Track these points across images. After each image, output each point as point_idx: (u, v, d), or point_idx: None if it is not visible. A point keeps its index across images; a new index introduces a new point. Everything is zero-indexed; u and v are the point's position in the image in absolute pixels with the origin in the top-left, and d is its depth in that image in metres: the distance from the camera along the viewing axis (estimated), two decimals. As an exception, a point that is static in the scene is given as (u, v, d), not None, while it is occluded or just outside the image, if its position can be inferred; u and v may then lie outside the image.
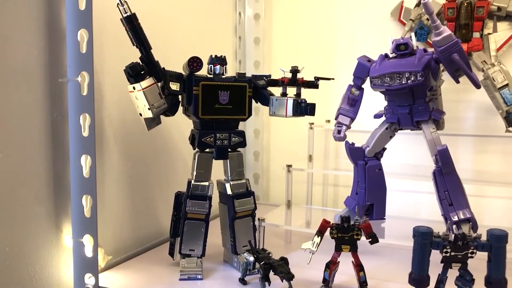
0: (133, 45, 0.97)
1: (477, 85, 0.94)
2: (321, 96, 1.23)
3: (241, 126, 1.72)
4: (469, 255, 0.85)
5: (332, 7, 1.64)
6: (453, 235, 0.85)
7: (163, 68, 1.01)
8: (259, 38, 1.72)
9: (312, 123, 1.52)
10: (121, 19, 0.96)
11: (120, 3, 0.95)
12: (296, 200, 1.50)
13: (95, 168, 0.95)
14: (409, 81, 0.96)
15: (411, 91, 0.99)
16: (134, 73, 0.97)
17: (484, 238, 0.85)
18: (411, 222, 1.03)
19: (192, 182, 1.05)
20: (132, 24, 0.96)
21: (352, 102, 1.10)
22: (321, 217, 0.98)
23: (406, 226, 0.93)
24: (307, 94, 1.10)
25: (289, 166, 1.35)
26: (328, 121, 1.54)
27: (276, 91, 1.11)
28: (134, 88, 0.97)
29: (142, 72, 0.97)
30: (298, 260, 0.99)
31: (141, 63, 0.98)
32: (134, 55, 0.99)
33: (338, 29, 1.64)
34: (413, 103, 1.01)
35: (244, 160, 1.75)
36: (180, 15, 1.40)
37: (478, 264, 0.85)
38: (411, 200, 1.54)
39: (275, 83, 1.09)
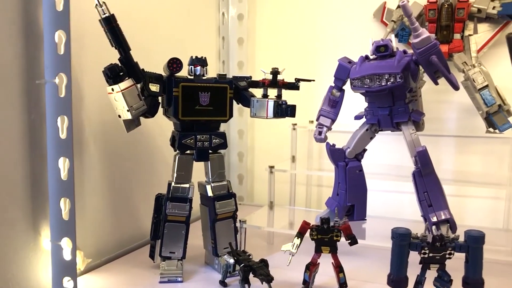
0: (112, 46, 0.97)
1: (455, 87, 0.94)
2: (305, 97, 1.24)
3: (225, 126, 1.74)
4: (447, 256, 0.85)
5: (316, 8, 1.65)
6: (431, 236, 0.85)
7: (143, 69, 1.00)
8: (243, 38, 1.72)
9: (295, 124, 1.52)
10: (99, 20, 0.95)
11: (98, 4, 0.94)
12: (280, 200, 1.50)
13: (73, 170, 0.93)
14: (388, 83, 0.97)
15: (391, 92, 1.00)
16: (112, 75, 0.96)
17: (462, 239, 0.86)
18: (393, 222, 1.04)
19: (173, 184, 1.04)
20: (110, 25, 0.95)
21: (333, 104, 1.10)
22: (304, 218, 0.98)
23: (388, 226, 0.93)
24: (291, 94, 1.10)
25: (271, 167, 1.35)
26: (312, 121, 1.54)
27: (258, 92, 1.11)
28: (112, 89, 0.96)
29: (121, 74, 0.97)
30: (280, 261, 0.99)
31: (120, 65, 0.97)
32: (114, 56, 0.98)
33: (321, 30, 1.64)
34: (393, 104, 1.01)
35: (228, 161, 1.77)
36: (162, 15, 1.39)
37: (458, 263, 0.86)
38: (394, 200, 1.55)
39: (256, 84, 1.09)
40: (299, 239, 0.96)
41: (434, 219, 0.97)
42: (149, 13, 1.32)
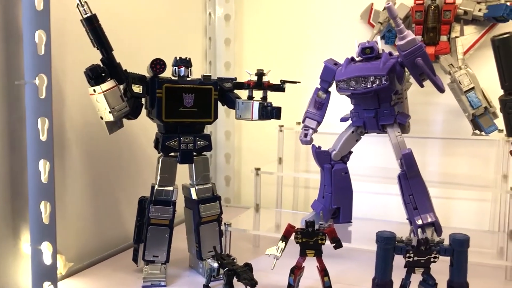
0: (94, 46, 0.95)
1: (440, 90, 0.94)
2: (292, 98, 1.23)
3: (212, 127, 1.73)
4: (432, 259, 0.85)
5: (303, 9, 1.64)
6: (416, 240, 0.84)
7: (125, 70, 0.99)
8: (230, 39, 1.71)
9: (282, 126, 1.52)
10: (81, 20, 0.93)
11: (80, 4, 0.92)
12: (267, 202, 1.49)
13: (54, 173, 0.92)
14: (374, 85, 0.96)
15: (376, 94, 0.99)
16: (94, 76, 0.94)
17: (447, 242, 0.86)
18: (379, 224, 1.04)
19: (156, 187, 1.03)
20: (92, 25, 0.93)
21: (319, 106, 1.09)
22: (290, 220, 0.98)
23: (374, 228, 0.92)
24: (278, 96, 1.09)
25: (257, 169, 1.34)
26: (299, 123, 1.52)
27: (244, 94, 1.10)
28: (94, 90, 0.95)
29: (103, 75, 0.95)
30: (266, 264, 0.97)
31: (102, 65, 0.95)
32: (98, 56, 0.96)
33: (309, 31, 1.64)
34: (378, 106, 1.01)
35: (214, 162, 1.76)
36: (148, 15, 1.37)
37: (443, 266, 0.86)
38: (381, 202, 1.55)
39: (241, 86, 1.08)
40: (284, 242, 0.95)
41: (420, 222, 0.97)
42: (135, 12, 1.31)
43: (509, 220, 1.12)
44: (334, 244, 0.94)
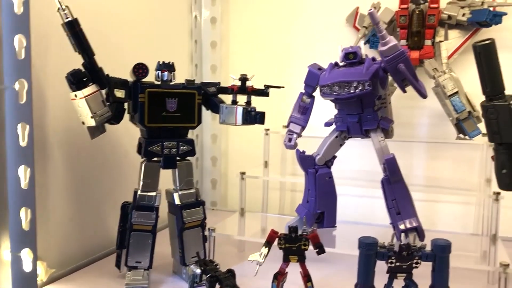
0: (75, 51, 0.94)
1: (422, 96, 0.94)
2: (278, 101, 1.22)
3: (198, 131, 1.72)
4: (414, 265, 0.85)
5: (289, 12, 1.64)
6: (398, 245, 0.85)
7: (107, 74, 0.98)
8: (216, 41, 1.70)
9: (268, 129, 1.51)
10: (62, 25, 0.92)
11: (60, 8, 0.91)
12: (253, 206, 1.49)
13: (34, 179, 0.91)
14: (357, 90, 0.96)
15: (359, 100, 0.99)
16: (75, 80, 0.93)
17: (429, 247, 0.86)
18: (363, 228, 1.04)
19: (139, 192, 1.02)
20: (73, 30, 0.92)
21: (303, 110, 1.09)
22: (276, 224, 0.98)
23: (359, 232, 0.92)
24: (265, 98, 1.09)
25: (242, 173, 1.33)
26: (286, 126, 1.52)
27: (229, 98, 1.09)
28: (76, 95, 0.94)
29: (85, 79, 0.94)
30: (250, 269, 0.96)
31: (83, 70, 0.95)
32: (80, 60, 0.95)
33: (295, 34, 1.64)
34: (362, 111, 1.01)
35: (201, 165, 1.75)
36: (133, 17, 1.36)
37: (426, 271, 0.86)
38: (366, 205, 1.55)
39: (224, 90, 1.08)
40: (267, 248, 0.94)
41: (402, 227, 0.97)
42: (118, 16, 1.30)
43: (492, 224, 1.12)
44: (317, 250, 0.94)
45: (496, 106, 0.80)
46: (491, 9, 1.28)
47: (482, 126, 1.16)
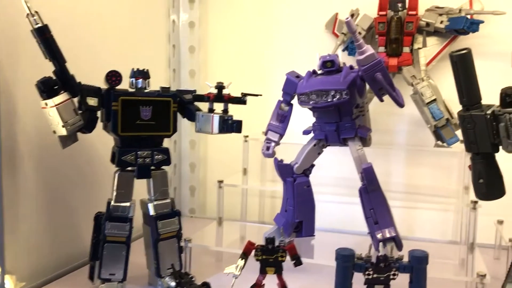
0: (45, 58, 0.91)
1: (399, 105, 0.94)
2: (258, 108, 1.21)
3: (177, 137, 1.70)
4: (391, 277, 0.84)
5: (269, 17, 1.63)
6: (375, 257, 0.84)
7: (79, 82, 0.95)
8: (194, 46, 1.68)
9: (247, 136, 1.50)
10: (31, 31, 0.89)
11: (30, 14, 0.88)
12: (232, 214, 1.47)
13: (2, 189, 0.88)
14: (334, 99, 0.95)
15: (337, 108, 0.98)
16: (46, 88, 0.91)
17: (406, 258, 0.85)
18: (343, 236, 1.02)
19: (112, 203, 0.99)
20: (43, 36, 0.90)
21: (282, 118, 1.08)
22: (255, 232, 0.96)
23: (338, 241, 0.91)
24: (244, 105, 1.08)
25: (220, 181, 1.31)
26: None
27: (206, 106, 1.07)
28: (46, 104, 0.91)
29: (56, 87, 0.91)
30: (228, 280, 0.95)
31: (54, 78, 0.92)
32: (52, 66, 0.93)
33: (274, 39, 1.63)
34: (340, 120, 1.00)
35: (179, 172, 1.73)
36: (109, 21, 1.33)
37: (404, 281, 0.85)
38: (346, 212, 1.54)
39: (201, 98, 1.06)
40: (243, 260, 0.93)
41: (380, 236, 0.96)
42: (94, 20, 1.26)
43: (470, 233, 1.12)
44: (294, 262, 0.92)
45: (473, 116, 0.80)
46: (469, 17, 1.28)
47: (460, 134, 1.17)
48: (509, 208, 1.27)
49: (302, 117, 1.08)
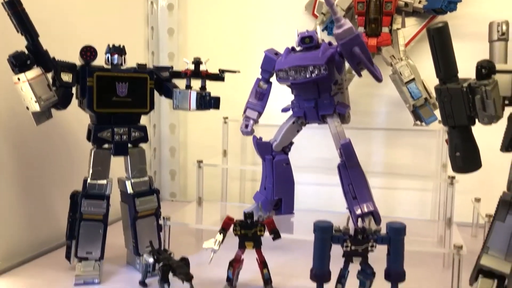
0: (18, 32, 0.89)
1: (377, 79, 0.93)
2: (237, 89, 1.20)
3: (156, 120, 1.68)
4: (369, 248, 0.84)
5: (248, -1, 1.62)
6: (353, 229, 0.84)
7: (53, 57, 0.93)
8: (173, 29, 1.66)
9: (227, 117, 1.49)
10: (1, 3, 0.87)
11: (1, -14, 0.86)
12: (213, 195, 1.47)
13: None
14: (313, 75, 0.95)
15: (316, 84, 0.98)
16: (18, 63, 0.89)
17: (384, 231, 0.86)
18: (322, 215, 1.02)
19: (88, 180, 0.98)
20: (15, 9, 0.87)
21: (260, 96, 1.07)
22: (235, 212, 0.96)
23: (317, 219, 0.91)
24: (223, 86, 1.07)
25: (199, 161, 1.30)
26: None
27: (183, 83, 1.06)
28: (19, 79, 0.89)
29: (28, 62, 0.89)
30: (207, 258, 0.95)
31: (27, 52, 0.90)
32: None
33: (254, 21, 1.62)
34: (318, 96, 0.99)
35: (159, 156, 1.71)
36: (84, 2, 1.30)
37: (382, 255, 0.86)
38: (325, 193, 1.55)
39: (178, 75, 1.05)
40: (222, 235, 0.93)
41: (359, 211, 0.96)
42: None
43: (447, 208, 1.13)
44: (273, 236, 0.92)
45: (450, 89, 0.80)
46: (446, -4, 1.29)
47: (438, 113, 1.18)
48: (486, 185, 1.30)
49: (282, 97, 1.08)
